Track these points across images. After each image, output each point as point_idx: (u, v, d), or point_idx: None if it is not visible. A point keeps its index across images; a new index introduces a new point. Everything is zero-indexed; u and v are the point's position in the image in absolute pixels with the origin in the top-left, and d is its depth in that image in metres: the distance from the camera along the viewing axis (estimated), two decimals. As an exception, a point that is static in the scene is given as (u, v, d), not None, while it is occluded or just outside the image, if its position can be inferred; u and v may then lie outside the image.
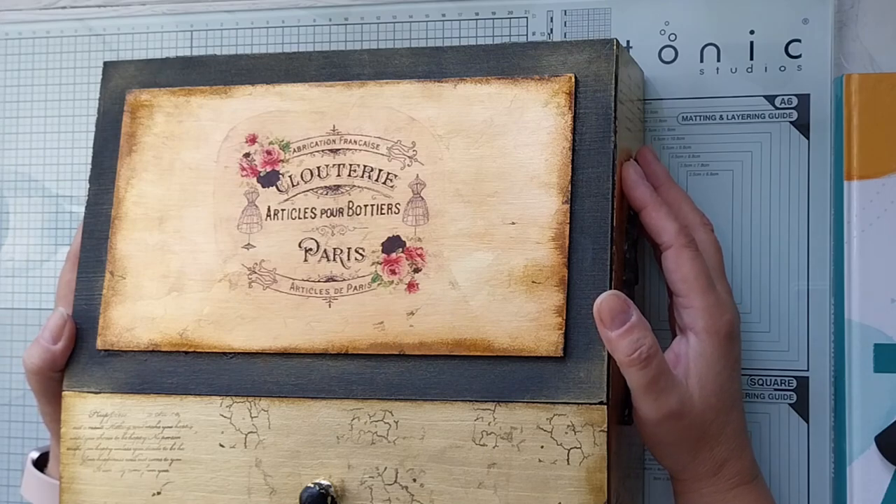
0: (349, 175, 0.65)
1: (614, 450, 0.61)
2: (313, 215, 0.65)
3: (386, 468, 0.62)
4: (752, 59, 0.72)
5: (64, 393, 0.67)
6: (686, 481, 0.65)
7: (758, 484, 0.65)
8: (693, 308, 0.63)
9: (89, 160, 0.70)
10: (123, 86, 0.70)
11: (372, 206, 0.65)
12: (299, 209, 0.66)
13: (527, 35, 0.75)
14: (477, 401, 0.61)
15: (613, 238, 0.62)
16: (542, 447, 0.60)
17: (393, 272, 0.63)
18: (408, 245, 0.64)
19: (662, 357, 0.61)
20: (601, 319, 0.59)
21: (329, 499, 0.62)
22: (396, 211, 0.64)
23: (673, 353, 0.63)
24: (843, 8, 0.71)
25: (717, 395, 0.62)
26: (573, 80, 0.64)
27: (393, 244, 0.64)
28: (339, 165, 0.66)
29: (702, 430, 0.62)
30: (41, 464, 0.73)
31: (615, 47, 0.64)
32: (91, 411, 0.66)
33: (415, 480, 0.62)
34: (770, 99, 0.72)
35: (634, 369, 0.60)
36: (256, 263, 0.65)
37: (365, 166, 0.65)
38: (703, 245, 0.66)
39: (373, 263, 0.64)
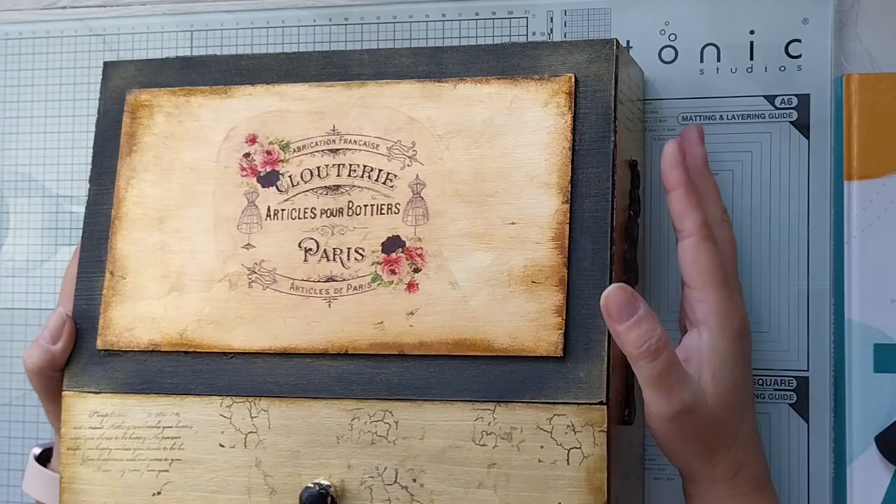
0: (349, 175, 0.66)
1: (614, 450, 0.61)
2: (313, 215, 0.65)
3: (386, 468, 0.62)
4: (752, 59, 0.72)
5: (64, 393, 0.67)
6: (701, 483, 0.63)
7: (772, 490, 0.65)
8: (707, 302, 0.62)
9: (89, 160, 0.70)
10: (123, 86, 0.70)
11: (372, 206, 0.65)
12: (299, 209, 0.66)
13: (527, 35, 0.75)
14: (477, 401, 0.61)
15: (613, 238, 0.62)
16: (541, 447, 0.60)
17: (393, 272, 0.63)
18: (407, 245, 0.64)
19: (672, 349, 0.60)
20: (609, 313, 0.59)
21: (329, 499, 0.62)
22: (396, 211, 0.64)
23: (685, 349, 0.62)
24: (843, 8, 0.71)
25: (731, 392, 0.61)
26: (573, 80, 0.64)
27: (393, 244, 0.64)
28: (338, 165, 0.66)
29: (717, 429, 0.61)
30: (43, 460, 0.73)
31: (615, 47, 0.64)
32: (91, 411, 0.66)
33: (415, 480, 0.62)
34: (770, 99, 0.72)
35: (644, 361, 0.58)
36: (256, 263, 0.65)
37: (365, 166, 0.65)
38: (721, 241, 0.65)
39: (373, 263, 0.64)
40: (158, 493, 0.65)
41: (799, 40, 0.71)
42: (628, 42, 0.74)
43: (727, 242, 0.66)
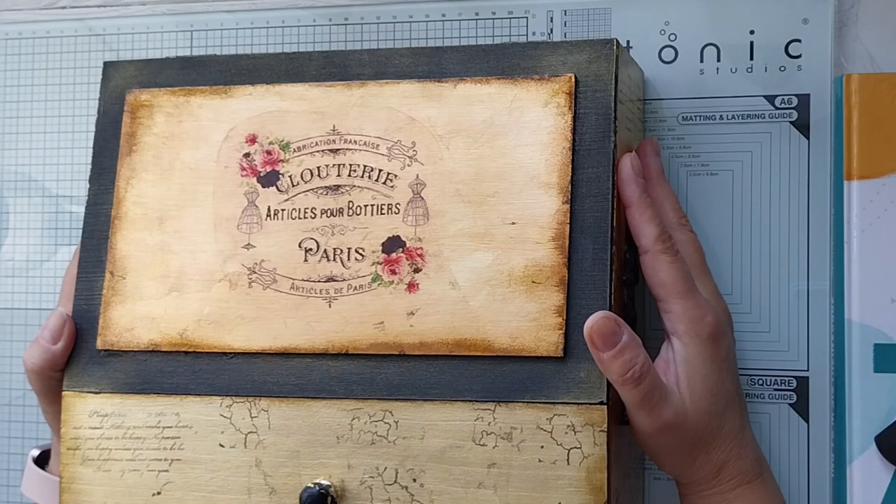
0: (349, 175, 0.66)
1: (614, 450, 0.61)
2: (313, 215, 0.65)
3: (386, 468, 0.62)
4: (752, 59, 0.72)
5: (64, 393, 0.67)
6: (687, 485, 0.65)
7: (763, 481, 0.65)
8: (673, 313, 0.63)
9: (89, 160, 0.70)
10: (123, 86, 0.70)
11: (372, 206, 0.65)
12: (299, 209, 0.66)
13: (527, 35, 0.75)
14: (477, 401, 0.61)
15: (613, 238, 0.62)
16: (542, 447, 0.60)
17: (393, 272, 0.64)
18: (408, 245, 0.64)
19: (655, 372, 0.61)
20: (592, 342, 0.59)
21: (329, 499, 0.62)
22: (396, 211, 0.64)
23: (662, 360, 0.63)
24: (843, 8, 0.71)
25: (707, 398, 0.62)
26: (573, 80, 0.64)
27: (393, 244, 0.64)
28: (339, 165, 0.66)
29: (695, 436, 0.62)
30: (42, 461, 0.73)
31: (615, 47, 0.64)
32: (91, 411, 0.66)
33: (415, 480, 0.62)
34: (770, 99, 0.72)
35: (627, 388, 0.60)
36: (256, 263, 0.65)
37: (365, 166, 0.65)
38: (681, 245, 0.65)
39: (373, 263, 0.64)
40: (158, 493, 0.65)
41: (799, 40, 0.72)
42: (628, 42, 0.74)
43: (689, 244, 0.67)
